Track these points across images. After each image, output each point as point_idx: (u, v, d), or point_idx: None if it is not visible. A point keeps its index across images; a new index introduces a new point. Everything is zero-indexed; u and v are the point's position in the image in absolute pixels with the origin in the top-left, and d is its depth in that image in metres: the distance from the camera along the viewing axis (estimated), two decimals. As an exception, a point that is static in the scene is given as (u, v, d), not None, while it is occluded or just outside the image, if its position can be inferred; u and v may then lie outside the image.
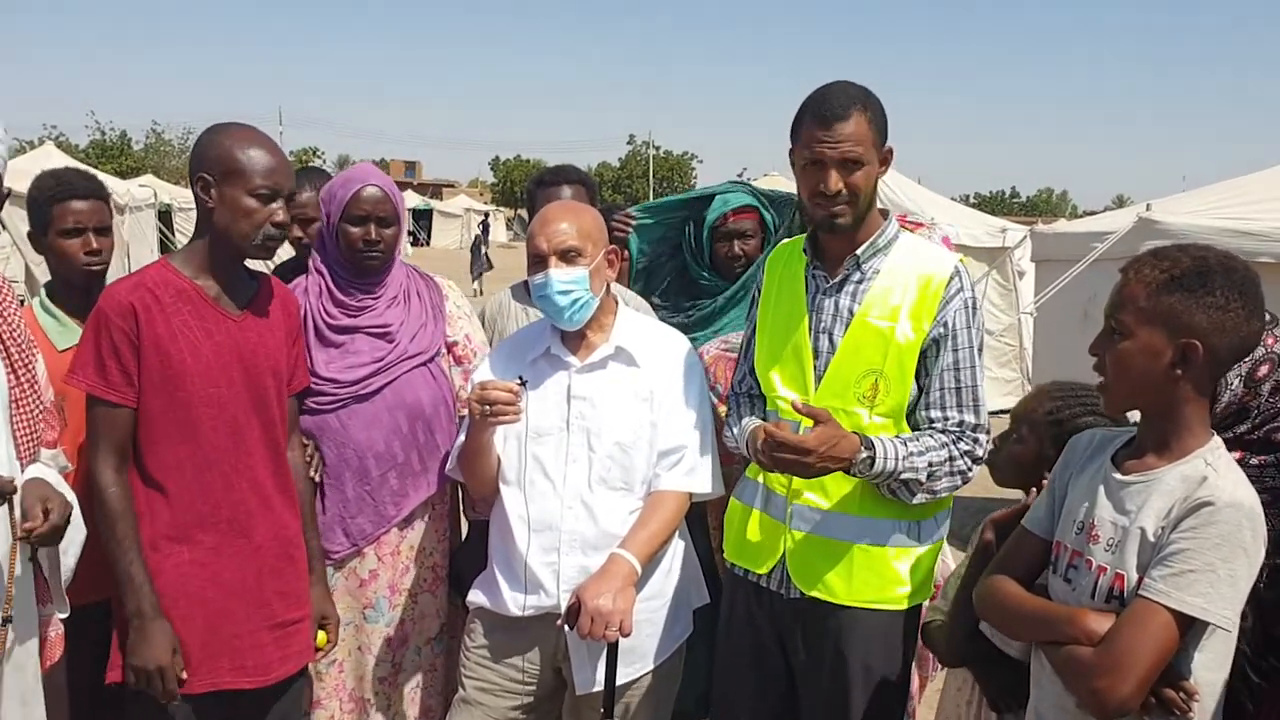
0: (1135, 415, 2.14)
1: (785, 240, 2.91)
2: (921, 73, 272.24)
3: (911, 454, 2.49)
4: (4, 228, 11.72)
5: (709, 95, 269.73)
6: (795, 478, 2.56)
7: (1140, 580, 1.91)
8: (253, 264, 2.75)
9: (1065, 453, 2.23)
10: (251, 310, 2.74)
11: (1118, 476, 2.03)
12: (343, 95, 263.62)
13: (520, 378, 2.68)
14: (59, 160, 16.58)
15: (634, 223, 3.89)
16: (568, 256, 2.72)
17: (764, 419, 2.73)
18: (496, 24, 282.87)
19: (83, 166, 3.91)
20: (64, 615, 2.54)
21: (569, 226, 2.74)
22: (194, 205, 2.65)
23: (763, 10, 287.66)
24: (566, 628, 2.62)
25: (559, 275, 2.71)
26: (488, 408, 2.61)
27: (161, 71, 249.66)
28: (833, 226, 2.57)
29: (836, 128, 2.46)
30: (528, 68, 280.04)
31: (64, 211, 3.01)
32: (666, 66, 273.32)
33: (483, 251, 28.23)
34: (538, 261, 2.75)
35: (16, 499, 2.30)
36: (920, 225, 2.68)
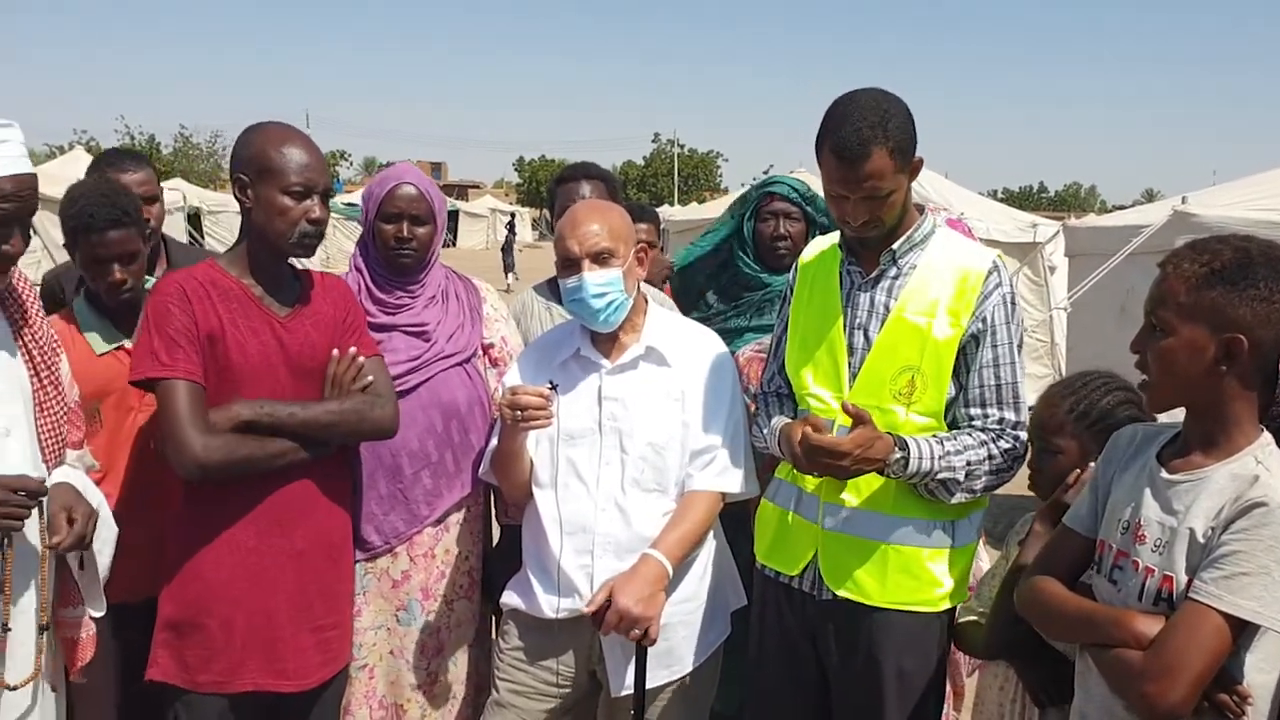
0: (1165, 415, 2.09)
1: (820, 239, 2.88)
2: (946, 69, 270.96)
3: (948, 453, 2.46)
4: (34, 233, 11.81)
5: (734, 93, 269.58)
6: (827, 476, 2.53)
7: (1190, 582, 1.86)
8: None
9: (1107, 449, 2.19)
10: (298, 310, 2.73)
11: (1164, 475, 1.99)
12: (369, 97, 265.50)
13: (551, 382, 2.65)
14: (88, 164, 16.72)
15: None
16: (600, 259, 2.68)
17: (794, 418, 2.69)
18: (520, 25, 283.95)
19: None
20: (99, 614, 2.54)
21: (600, 227, 2.69)
22: (223, 208, 2.65)
23: (787, 6, 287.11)
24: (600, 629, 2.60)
25: (593, 278, 2.66)
26: (519, 413, 2.58)
27: (189, 76, 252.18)
28: (862, 244, 2.60)
29: (855, 168, 2.39)
30: (552, 68, 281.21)
31: (87, 245, 2.95)
32: (691, 64, 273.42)
33: (512, 251, 29.62)
34: (569, 265, 2.70)
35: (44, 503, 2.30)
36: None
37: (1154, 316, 1.97)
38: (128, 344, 2.95)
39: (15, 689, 2.31)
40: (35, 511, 2.26)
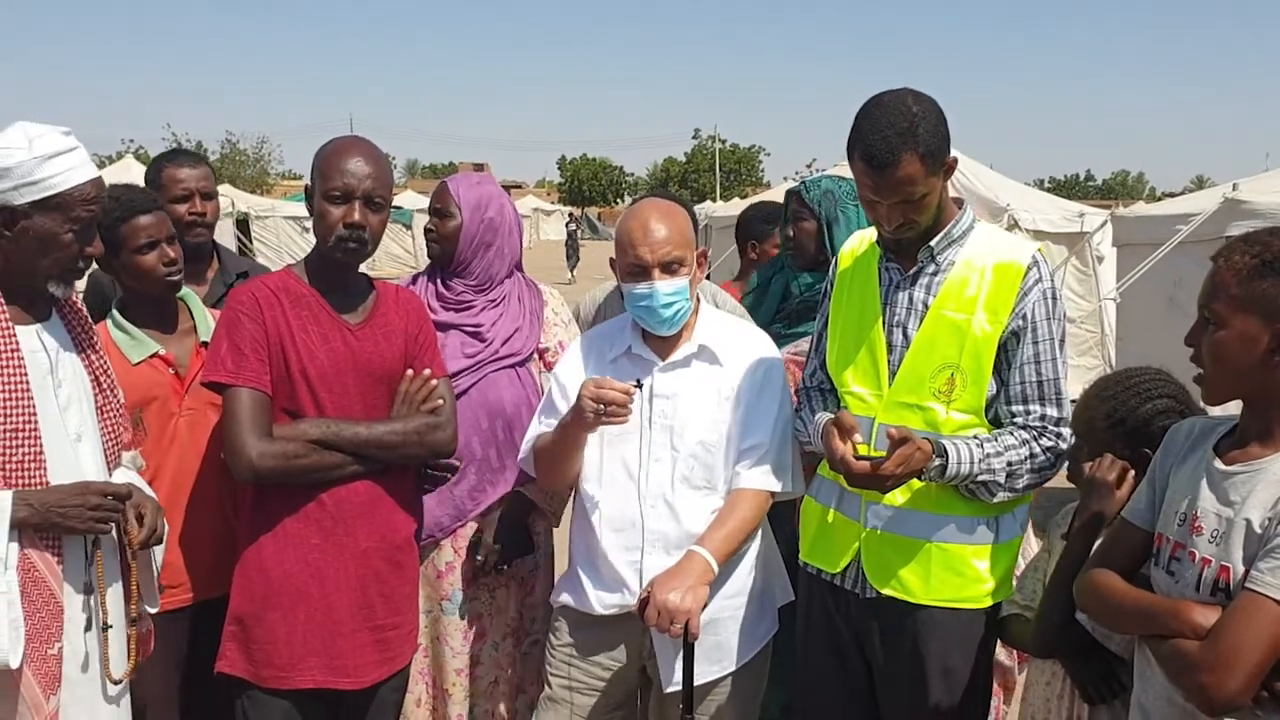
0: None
1: (859, 233, 2.88)
2: (989, 58, 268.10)
3: (988, 455, 2.46)
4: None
5: (776, 87, 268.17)
6: None
7: (1247, 572, 1.85)
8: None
9: (1165, 443, 2.18)
10: (370, 319, 2.78)
11: (1221, 467, 1.97)
12: (411, 101, 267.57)
13: (637, 380, 2.64)
14: (139, 172, 17.04)
15: None
16: (670, 268, 2.67)
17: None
18: (558, 25, 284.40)
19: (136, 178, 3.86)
20: (154, 610, 2.64)
21: (669, 234, 2.68)
22: (270, 213, 2.71)
23: None
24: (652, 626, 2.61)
25: (664, 288, 2.66)
26: (602, 407, 2.57)
27: (235, 83, 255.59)
28: (898, 246, 2.59)
29: (885, 174, 2.39)
30: (592, 66, 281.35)
31: (134, 229, 2.96)
32: (732, 59, 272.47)
33: (578, 249, 32.50)
34: (638, 272, 2.69)
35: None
36: None
37: (1207, 310, 1.97)
38: (162, 351, 3.00)
39: (119, 682, 2.47)
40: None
